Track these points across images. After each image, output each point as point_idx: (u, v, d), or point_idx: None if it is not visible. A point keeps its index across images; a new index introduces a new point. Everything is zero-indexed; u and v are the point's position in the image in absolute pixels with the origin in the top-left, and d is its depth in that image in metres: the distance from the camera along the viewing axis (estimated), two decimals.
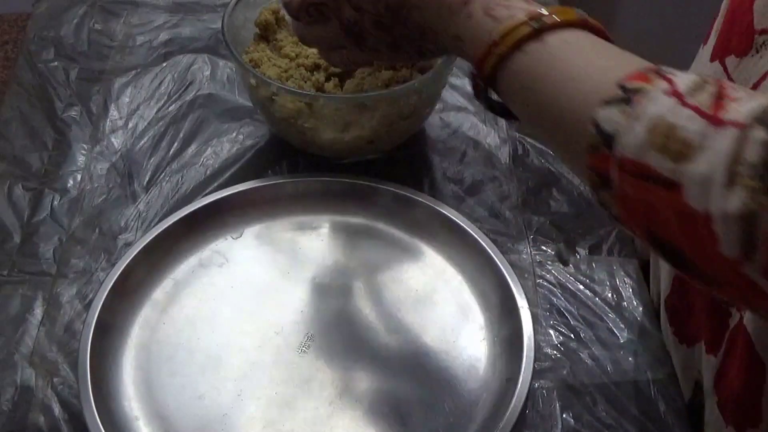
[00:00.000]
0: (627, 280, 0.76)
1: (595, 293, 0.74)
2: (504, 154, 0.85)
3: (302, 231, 0.77)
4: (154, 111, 0.88)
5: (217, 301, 0.72)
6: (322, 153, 0.80)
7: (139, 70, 0.93)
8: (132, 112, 0.88)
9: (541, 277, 0.75)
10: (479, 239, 0.73)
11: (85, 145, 0.85)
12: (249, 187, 0.78)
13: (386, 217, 0.77)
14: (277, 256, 0.75)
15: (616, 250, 0.77)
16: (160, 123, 0.87)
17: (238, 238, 0.76)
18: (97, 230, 0.77)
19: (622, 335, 0.72)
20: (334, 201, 0.78)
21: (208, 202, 0.76)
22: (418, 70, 0.79)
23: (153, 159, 0.84)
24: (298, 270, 0.74)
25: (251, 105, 0.86)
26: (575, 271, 0.76)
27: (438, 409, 0.65)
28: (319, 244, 0.76)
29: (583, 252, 0.77)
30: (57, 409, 0.65)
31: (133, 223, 0.78)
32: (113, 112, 0.88)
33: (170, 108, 0.89)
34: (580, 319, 0.72)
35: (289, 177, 0.80)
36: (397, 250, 0.76)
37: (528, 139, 0.87)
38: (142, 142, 0.85)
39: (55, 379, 0.67)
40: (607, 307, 0.73)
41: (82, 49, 0.95)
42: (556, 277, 0.75)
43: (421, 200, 0.76)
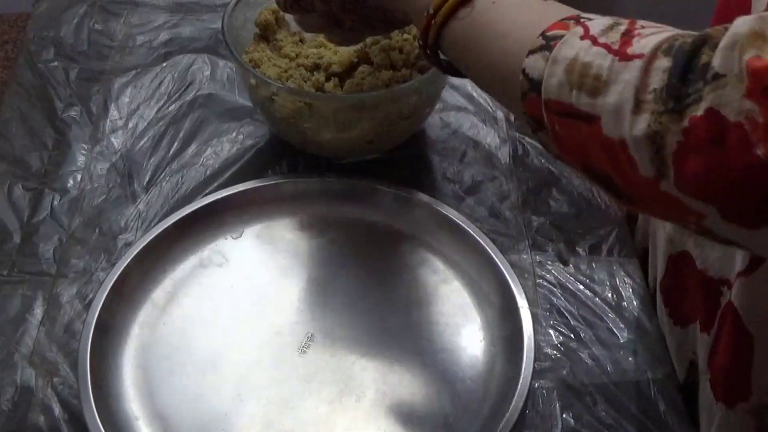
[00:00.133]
0: (627, 280, 0.75)
1: (595, 293, 0.74)
2: (504, 154, 0.85)
3: (302, 231, 0.77)
4: (154, 111, 0.88)
5: (217, 301, 0.72)
6: (322, 153, 0.80)
7: (139, 70, 0.93)
8: (132, 112, 0.88)
9: (541, 277, 0.75)
10: (479, 239, 0.73)
11: (85, 145, 0.85)
12: (249, 187, 0.78)
13: (386, 217, 0.77)
14: (277, 256, 0.75)
15: (616, 250, 0.77)
16: (160, 123, 0.87)
17: (238, 238, 0.76)
18: (97, 230, 0.77)
19: (622, 335, 0.72)
20: (334, 201, 0.78)
21: (208, 202, 0.76)
22: (418, 70, 0.79)
23: (153, 159, 0.84)
24: (298, 270, 0.74)
25: (251, 105, 0.86)
26: (575, 271, 0.76)
27: (438, 409, 0.65)
28: (319, 244, 0.76)
29: (583, 252, 0.77)
30: (57, 409, 0.65)
31: (133, 223, 0.78)
32: (113, 112, 0.88)
33: (170, 108, 0.89)
34: (580, 319, 0.72)
35: (289, 177, 0.80)
36: (397, 250, 0.76)
37: (528, 139, 0.87)
38: (142, 142, 0.85)
39: (55, 379, 0.67)
40: (607, 307, 0.73)
41: (82, 49, 0.95)
42: (556, 277, 0.75)
43: (421, 200, 0.76)
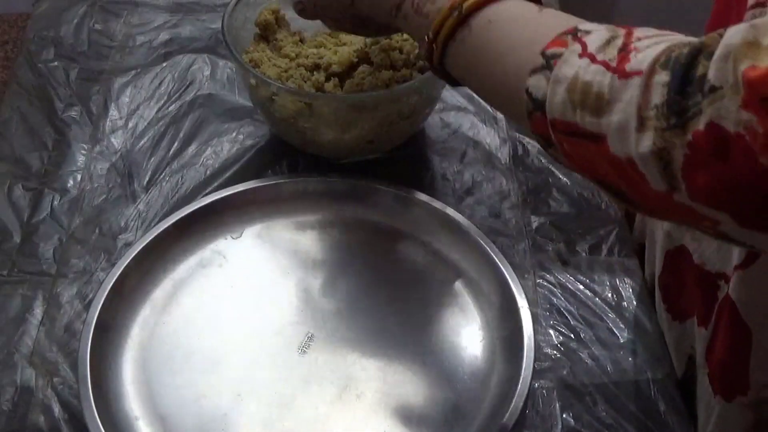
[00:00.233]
0: (627, 280, 0.75)
1: (595, 293, 0.74)
2: (504, 154, 0.85)
3: (302, 231, 0.77)
4: (154, 111, 0.88)
5: (216, 301, 0.71)
6: (322, 153, 0.80)
7: (139, 70, 0.93)
8: (132, 112, 0.88)
9: (541, 277, 0.75)
10: (479, 239, 0.73)
11: (85, 145, 0.85)
12: (249, 187, 0.78)
13: (386, 217, 0.77)
14: (277, 256, 0.75)
15: (616, 250, 0.77)
16: (160, 123, 0.87)
17: (237, 238, 0.76)
18: (97, 230, 0.77)
19: (622, 335, 0.72)
20: (334, 201, 0.78)
21: (208, 202, 0.76)
22: (418, 70, 0.79)
23: (153, 159, 0.84)
24: (298, 270, 0.74)
25: (251, 105, 0.86)
26: (575, 271, 0.76)
27: (438, 409, 0.65)
28: (319, 244, 0.76)
29: (583, 252, 0.77)
30: (57, 409, 0.65)
31: (133, 223, 0.78)
32: (113, 112, 0.88)
33: (170, 108, 0.89)
34: (580, 319, 0.72)
35: (289, 177, 0.80)
36: (397, 250, 0.76)
37: (528, 139, 0.87)
38: (142, 142, 0.85)
39: (55, 379, 0.67)
40: (607, 307, 0.73)
41: (82, 49, 0.95)
42: (556, 277, 0.75)
43: (421, 200, 0.76)
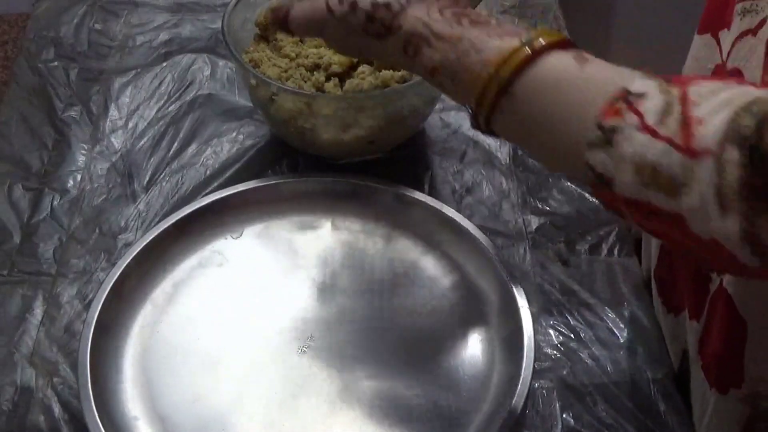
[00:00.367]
0: (627, 280, 0.75)
1: (595, 293, 0.74)
2: (504, 154, 0.85)
3: (302, 231, 0.77)
4: (154, 111, 0.88)
5: (216, 301, 0.71)
6: (322, 153, 0.80)
7: (139, 70, 0.93)
8: (132, 112, 0.88)
9: (541, 277, 0.75)
10: (479, 239, 0.73)
11: (85, 145, 0.85)
12: (249, 187, 0.78)
13: (386, 217, 0.77)
14: (277, 256, 0.75)
15: (615, 250, 0.77)
16: (160, 123, 0.87)
17: (237, 237, 0.76)
18: (97, 230, 0.77)
19: (622, 335, 0.72)
20: (334, 201, 0.78)
21: (208, 202, 0.76)
22: None
23: (153, 159, 0.84)
24: (298, 270, 0.74)
25: (251, 105, 0.86)
26: (575, 271, 0.76)
27: (438, 409, 0.65)
28: (319, 244, 0.76)
29: (583, 252, 0.77)
30: (57, 409, 0.65)
31: (133, 223, 0.78)
32: (113, 112, 0.88)
33: (170, 108, 0.89)
34: (580, 319, 0.72)
35: (289, 177, 0.80)
36: (396, 249, 0.76)
37: None
38: (142, 142, 0.85)
39: (55, 379, 0.67)
40: (606, 307, 0.73)
41: (82, 49, 0.95)
42: (556, 277, 0.75)
43: (421, 200, 0.76)
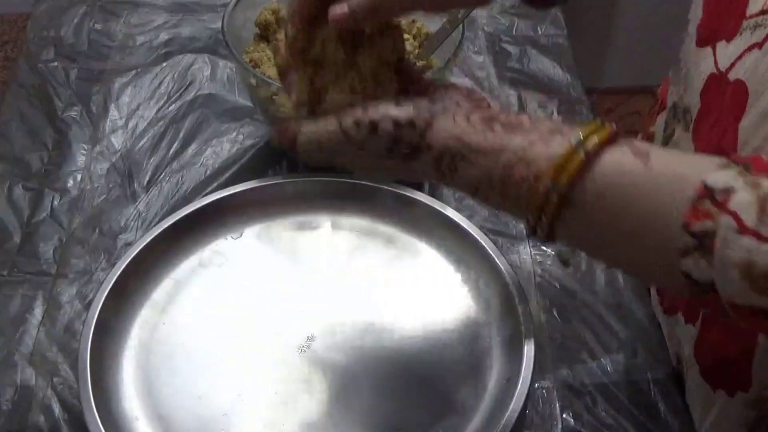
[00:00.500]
0: (627, 280, 0.75)
1: (595, 293, 0.74)
2: None
3: (302, 231, 0.77)
4: (154, 111, 0.88)
5: (217, 301, 0.71)
6: None
7: (139, 70, 0.93)
8: (132, 112, 0.88)
9: (541, 277, 0.75)
10: (479, 239, 0.73)
11: (85, 145, 0.85)
12: (249, 187, 0.78)
13: (386, 217, 0.77)
14: (277, 256, 0.75)
15: None
16: (160, 123, 0.87)
17: (238, 238, 0.76)
18: (97, 230, 0.77)
19: (622, 335, 0.72)
20: (334, 201, 0.78)
21: (208, 202, 0.76)
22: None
23: (153, 159, 0.84)
24: (298, 270, 0.74)
25: (251, 105, 0.86)
26: (575, 271, 0.76)
27: (438, 409, 0.65)
28: (319, 244, 0.76)
29: (583, 252, 0.77)
30: (57, 409, 0.65)
31: (133, 223, 0.78)
32: (113, 112, 0.88)
33: (170, 108, 0.89)
34: (580, 319, 0.72)
35: (289, 177, 0.80)
36: (397, 250, 0.75)
37: None
38: (142, 142, 0.85)
39: (55, 379, 0.67)
40: (607, 308, 0.73)
41: (82, 49, 0.95)
42: (556, 277, 0.75)
43: (421, 200, 0.76)
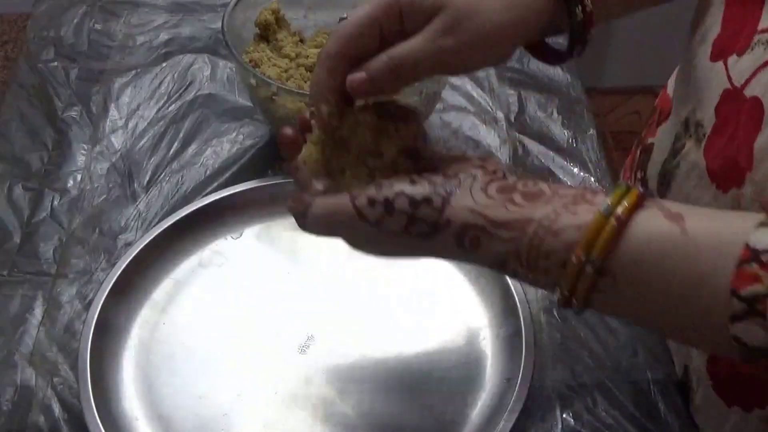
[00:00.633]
0: None
1: None
2: (504, 154, 0.85)
3: (302, 231, 0.77)
4: (154, 111, 0.88)
5: (216, 301, 0.71)
6: None
7: (139, 70, 0.93)
8: (132, 112, 0.88)
9: None
10: None
11: (85, 145, 0.85)
12: (249, 187, 0.78)
13: None
14: (277, 256, 0.75)
15: None
16: (160, 123, 0.87)
17: (238, 238, 0.76)
18: (97, 230, 0.77)
19: (622, 335, 0.72)
20: None
21: (208, 202, 0.76)
22: None
23: (153, 159, 0.84)
24: (298, 270, 0.74)
25: (251, 105, 0.86)
26: None
27: (438, 409, 0.65)
28: (319, 244, 0.76)
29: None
30: (57, 409, 0.65)
31: (133, 223, 0.78)
32: (113, 112, 0.88)
33: (170, 108, 0.89)
34: (580, 320, 0.72)
35: (289, 177, 0.79)
36: None
37: (528, 138, 0.87)
38: (142, 142, 0.85)
39: (55, 379, 0.67)
40: None
41: (82, 49, 0.95)
42: None
43: None
